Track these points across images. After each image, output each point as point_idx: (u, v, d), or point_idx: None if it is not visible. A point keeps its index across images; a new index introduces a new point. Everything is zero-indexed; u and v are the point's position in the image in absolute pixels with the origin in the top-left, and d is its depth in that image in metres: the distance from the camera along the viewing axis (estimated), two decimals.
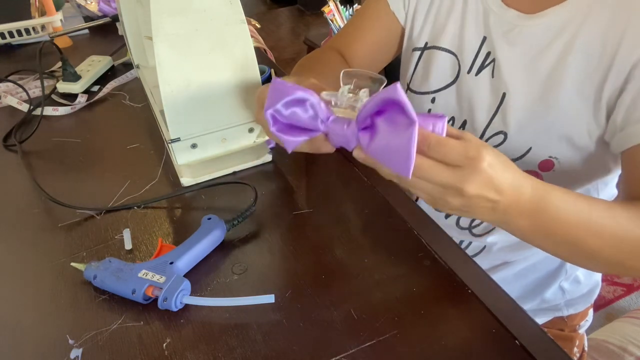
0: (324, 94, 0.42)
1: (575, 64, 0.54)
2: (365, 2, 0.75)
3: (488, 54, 0.62)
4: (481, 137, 0.62)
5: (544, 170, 0.61)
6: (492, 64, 0.61)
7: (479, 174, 0.37)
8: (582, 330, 0.79)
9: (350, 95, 0.42)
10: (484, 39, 0.62)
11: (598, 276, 0.79)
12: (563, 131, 0.57)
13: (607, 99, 0.53)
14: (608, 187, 0.68)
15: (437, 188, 0.39)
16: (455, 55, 0.65)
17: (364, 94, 0.41)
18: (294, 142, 0.44)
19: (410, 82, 0.71)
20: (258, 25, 1.18)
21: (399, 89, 0.36)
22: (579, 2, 0.54)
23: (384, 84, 0.40)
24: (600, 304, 1.48)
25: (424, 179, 0.39)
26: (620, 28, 0.51)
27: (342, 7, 1.78)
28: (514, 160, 0.61)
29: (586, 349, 0.80)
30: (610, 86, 0.52)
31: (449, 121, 0.67)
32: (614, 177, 0.68)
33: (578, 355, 0.78)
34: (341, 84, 0.42)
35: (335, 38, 0.75)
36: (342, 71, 0.43)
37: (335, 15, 1.76)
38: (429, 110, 0.69)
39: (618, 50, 0.51)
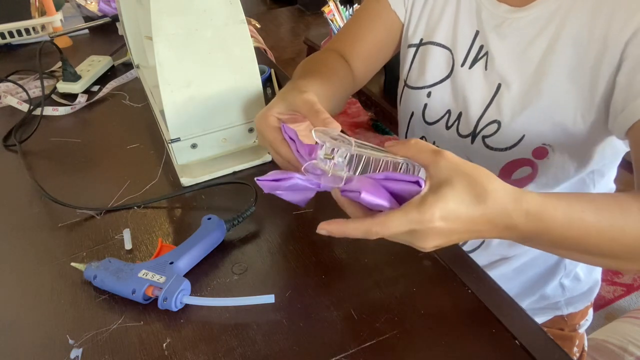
0: (304, 168, 0.44)
1: (565, 52, 0.56)
2: (364, 2, 0.75)
3: (481, 47, 0.63)
4: (475, 127, 0.64)
5: (538, 158, 0.61)
6: (485, 57, 0.63)
7: (426, 235, 0.38)
8: (582, 330, 0.79)
9: (328, 161, 0.43)
10: (477, 32, 0.64)
11: (598, 274, 0.79)
12: (556, 118, 0.58)
13: (605, 82, 0.54)
14: (605, 178, 0.68)
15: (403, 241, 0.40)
16: (450, 50, 0.66)
17: (339, 158, 0.42)
18: (303, 201, 0.50)
19: (407, 78, 0.72)
20: (258, 25, 1.18)
21: (363, 197, 0.39)
22: None
23: (352, 144, 0.41)
24: (600, 304, 1.48)
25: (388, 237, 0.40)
26: (607, 11, 0.52)
27: (342, 7, 1.78)
28: (508, 148, 0.61)
29: (586, 348, 0.80)
30: (606, 70, 0.53)
31: (445, 114, 0.68)
32: (610, 168, 0.68)
33: (578, 355, 0.78)
34: (316, 142, 0.44)
35: (334, 40, 0.75)
36: (312, 130, 0.43)
37: (335, 15, 1.76)
38: (425, 105, 0.69)
39: (608, 33, 0.52)
